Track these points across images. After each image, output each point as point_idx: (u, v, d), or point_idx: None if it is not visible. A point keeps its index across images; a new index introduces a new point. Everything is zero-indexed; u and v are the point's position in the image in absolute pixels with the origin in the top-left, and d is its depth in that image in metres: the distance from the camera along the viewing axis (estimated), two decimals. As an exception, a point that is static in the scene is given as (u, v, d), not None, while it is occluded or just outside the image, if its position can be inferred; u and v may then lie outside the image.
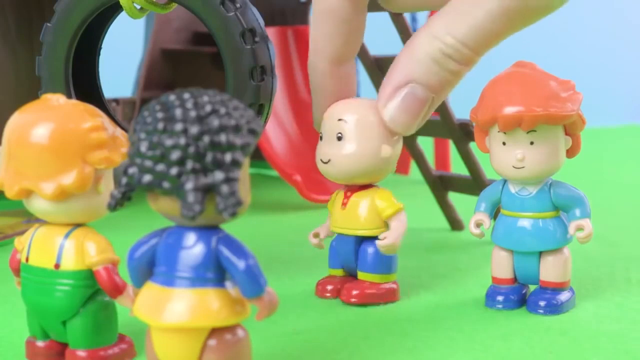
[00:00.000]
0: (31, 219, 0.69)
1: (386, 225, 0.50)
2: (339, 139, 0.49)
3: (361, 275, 0.51)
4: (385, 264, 0.51)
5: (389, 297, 0.51)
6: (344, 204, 0.51)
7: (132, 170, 0.35)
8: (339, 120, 0.49)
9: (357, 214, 0.50)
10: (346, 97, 0.51)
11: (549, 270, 0.49)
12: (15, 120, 0.40)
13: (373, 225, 0.50)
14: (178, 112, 0.34)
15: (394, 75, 0.47)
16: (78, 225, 0.41)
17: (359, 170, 0.49)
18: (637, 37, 1.63)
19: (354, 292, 0.50)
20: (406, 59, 0.47)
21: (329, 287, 0.52)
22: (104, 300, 0.41)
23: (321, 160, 0.50)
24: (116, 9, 0.53)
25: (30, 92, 0.68)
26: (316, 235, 0.53)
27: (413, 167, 0.99)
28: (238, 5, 0.50)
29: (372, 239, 0.50)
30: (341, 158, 0.49)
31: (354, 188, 0.51)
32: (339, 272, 0.53)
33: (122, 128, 0.53)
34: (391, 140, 0.49)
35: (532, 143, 0.47)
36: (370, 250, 0.51)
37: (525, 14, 0.44)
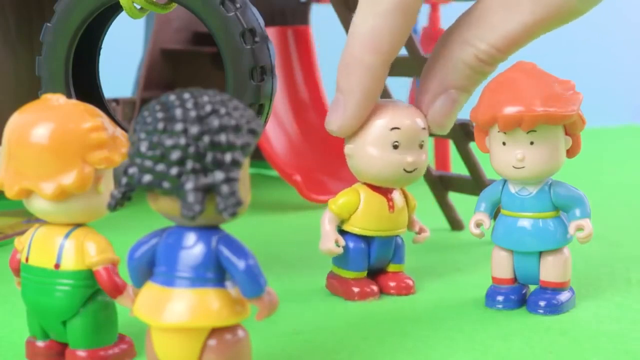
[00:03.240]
0: (31, 219, 0.69)
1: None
2: (421, 147, 0.50)
3: (395, 267, 0.53)
4: (404, 255, 0.54)
5: None
6: (391, 207, 0.52)
7: (132, 170, 0.35)
8: (423, 129, 0.50)
9: (402, 214, 0.52)
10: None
11: (549, 270, 0.49)
12: (15, 120, 0.40)
13: (407, 222, 0.53)
14: (178, 112, 0.34)
15: (432, 83, 0.49)
16: (78, 225, 0.41)
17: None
18: (637, 37, 1.63)
19: (410, 282, 0.53)
20: (441, 66, 0.49)
21: (357, 290, 0.52)
22: (104, 300, 0.41)
23: (405, 170, 0.50)
24: (116, 9, 0.53)
25: (30, 92, 0.68)
26: (337, 241, 0.52)
27: (413, 167, 0.99)
28: (238, 5, 0.50)
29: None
30: (423, 165, 0.51)
31: (390, 190, 0.52)
32: (363, 275, 0.52)
33: (122, 128, 0.53)
34: None
35: (532, 143, 0.47)
36: (400, 243, 0.53)
37: (556, 21, 0.47)
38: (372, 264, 0.52)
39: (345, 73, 0.49)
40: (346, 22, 0.68)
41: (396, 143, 0.49)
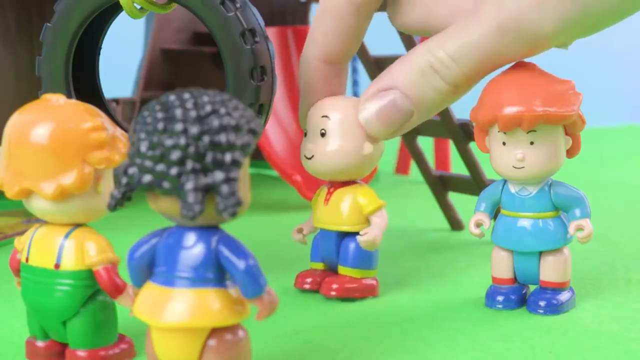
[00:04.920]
0: (31, 219, 0.69)
1: (367, 222, 0.51)
2: (322, 135, 0.50)
3: (342, 269, 0.52)
4: (365, 259, 0.52)
5: (368, 292, 0.52)
6: (326, 200, 0.52)
7: (132, 170, 0.35)
8: (323, 116, 0.50)
9: (339, 210, 0.51)
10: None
11: (549, 270, 0.49)
12: (15, 120, 0.40)
13: (355, 221, 0.51)
14: (178, 112, 0.34)
15: (381, 78, 0.49)
16: (78, 225, 0.41)
17: (340, 167, 0.50)
18: (637, 38, 1.63)
19: (334, 286, 0.51)
20: (397, 66, 0.48)
21: (308, 280, 0.53)
22: (104, 300, 0.41)
23: (305, 156, 0.51)
24: (116, 9, 0.53)
25: (30, 92, 0.68)
26: (300, 231, 0.54)
27: (413, 167, 0.99)
28: (238, 5, 0.50)
29: (354, 234, 0.51)
30: (324, 154, 0.50)
31: (336, 184, 0.52)
32: (319, 266, 0.54)
33: (122, 128, 0.53)
34: (373, 138, 0.50)
35: (532, 143, 0.47)
36: (351, 245, 0.51)
37: (516, 47, 0.45)
38: (322, 257, 0.53)
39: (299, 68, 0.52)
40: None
41: (305, 132, 0.51)
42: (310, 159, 0.51)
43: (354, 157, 0.50)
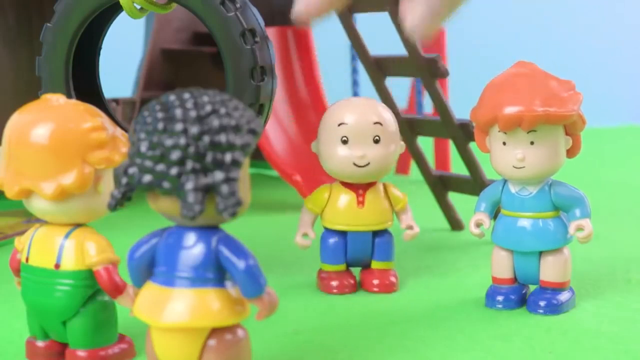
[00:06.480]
0: (31, 219, 0.69)
1: (392, 216, 0.54)
2: (377, 142, 0.51)
3: (378, 264, 0.53)
4: (392, 252, 0.54)
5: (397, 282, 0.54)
6: (360, 203, 0.52)
7: (132, 170, 0.35)
8: (375, 123, 0.50)
9: (376, 210, 0.53)
10: None
11: (549, 270, 0.49)
12: (15, 120, 0.40)
13: (388, 218, 0.53)
14: (178, 112, 0.34)
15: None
16: (78, 225, 0.41)
17: (390, 168, 0.52)
18: (636, 38, 1.63)
19: (376, 282, 0.53)
20: None
21: (334, 283, 0.53)
22: (104, 300, 0.41)
23: (355, 164, 0.51)
24: (116, 9, 0.53)
25: (30, 92, 0.68)
26: (306, 236, 0.54)
27: (413, 167, 0.99)
28: (238, 5, 0.50)
29: (382, 231, 0.53)
30: (382, 159, 0.51)
31: (363, 186, 0.52)
32: (342, 268, 0.54)
33: (122, 128, 0.53)
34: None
35: (532, 143, 0.47)
36: (383, 240, 0.53)
37: None
38: (350, 258, 0.53)
39: None
40: (346, 22, 0.68)
41: (344, 138, 0.51)
42: (364, 166, 0.51)
43: (397, 156, 0.52)
